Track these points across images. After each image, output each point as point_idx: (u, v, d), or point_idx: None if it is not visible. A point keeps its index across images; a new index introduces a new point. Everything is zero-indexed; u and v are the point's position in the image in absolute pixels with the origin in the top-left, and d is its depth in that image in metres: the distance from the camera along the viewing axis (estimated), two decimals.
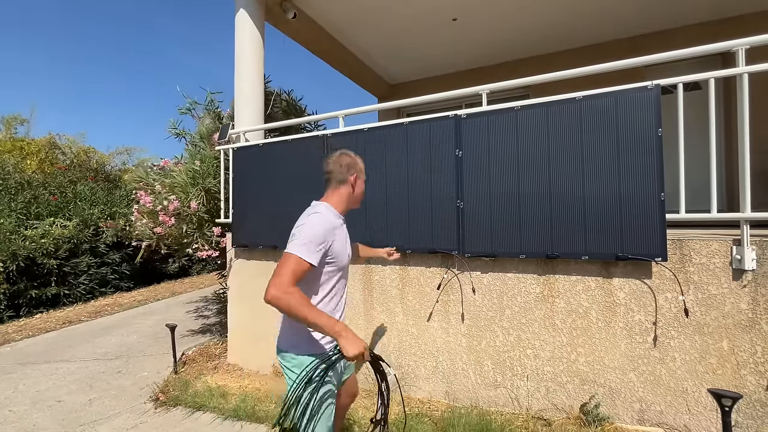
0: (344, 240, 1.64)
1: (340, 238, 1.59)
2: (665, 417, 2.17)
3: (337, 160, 1.67)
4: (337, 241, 1.55)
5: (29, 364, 3.93)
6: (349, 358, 1.31)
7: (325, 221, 1.52)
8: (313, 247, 1.43)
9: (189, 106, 4.34)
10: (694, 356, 2.12)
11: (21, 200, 7.03)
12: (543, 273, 2.46)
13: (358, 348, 1.31)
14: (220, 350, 3.99)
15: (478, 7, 4.54)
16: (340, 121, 3.25)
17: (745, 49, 2.08)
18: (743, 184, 2.04)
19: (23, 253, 6.13)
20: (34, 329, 5.26)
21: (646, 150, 2.17)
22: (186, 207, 3.37)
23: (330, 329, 1.31)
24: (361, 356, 1.32)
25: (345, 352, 1.30)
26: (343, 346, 1.31)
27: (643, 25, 4.94)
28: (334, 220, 1.58)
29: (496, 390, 2.56)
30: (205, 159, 3.67)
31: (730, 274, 2.05)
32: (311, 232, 1.45)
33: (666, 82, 2.19)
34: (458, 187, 2.63)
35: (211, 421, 2.71)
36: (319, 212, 1.55)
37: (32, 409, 2.98)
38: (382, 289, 2.97)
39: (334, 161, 1.67)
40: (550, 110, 2.40)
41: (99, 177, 9.30)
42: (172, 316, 5.66)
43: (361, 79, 6.61)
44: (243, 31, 4.01)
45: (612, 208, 2.23)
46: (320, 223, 1.49)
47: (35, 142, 13.11)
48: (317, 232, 1.45)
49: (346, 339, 1.31)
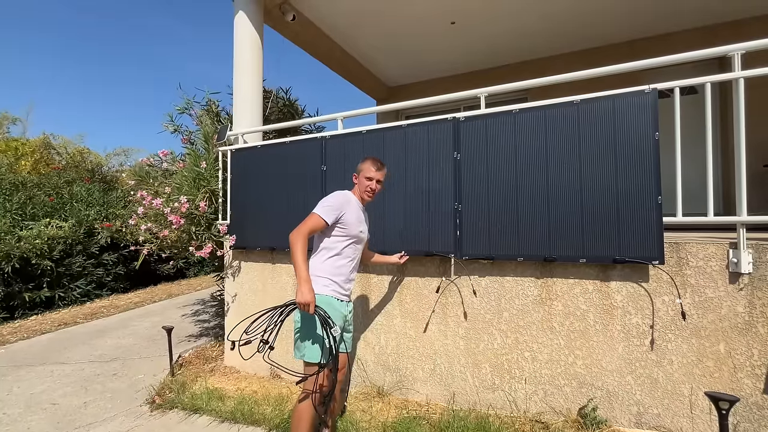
0: (358, 216, 2.16)
1: (354, 213, 2.13)
2: (663, 420, 2.17)
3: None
4: (350, 213, 2.10)
5: (24, 367, 3.89)
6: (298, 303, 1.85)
7: (342, 196, 2.14)
8: (330, 210, 2.03)
9: (185, 105, 4.31)
10: (691, 359, 2.13)
11: (16, 201, 6.97)
12: (541, 276, 2.46)
13: (304, 298, 1.83)
14: (217, 352, 3.97)
15: (476, 10, 4.56)
16: (339, 123, 3.25)
17: (740, 54, 2.10)
18: (739, 187, 2.06)
19: (18, 253, 6.08)
20: (29, 331, 5.21)
21: (643, 153, 2.18)
22: (194, 208, 3.36)
23: (298, 275, 1.88)
24: (306, 306, 1.84)
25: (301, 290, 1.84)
26: (298, 291, 1.85)
27: (641, 29, 4.98)
28: (352, 198, 2.19)
29: (494, 393, 2.56)
30: (209, 160, 3.66)
31: (726, 278, 2.07)
32: (330, 199, 2.09)
33: (663, 86, 2.21)
34: (456, 190, 2.64)
35: (207, 424, 2.69)
36: (341, 191, 2.19)
37: (26, 412, 2.95)
38: (380, 292, 2.97)
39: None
40: (548, 113, 2.41)
41: (95, 178, 9.24)
42: (169, 318, 5.62)
43: (359, 81, 6.62)
44: (242, 33, 4.01)
45: (609, 211, 2.24)
46: (337, 196, 2.12)
47: (30, 142, 13.03)
48: (334, 200, 2.08)
49: (300, 289, 1.85)
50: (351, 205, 2.13)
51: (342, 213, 2.05)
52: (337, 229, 2.08)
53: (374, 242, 2.85)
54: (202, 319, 5.55)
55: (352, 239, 2.12)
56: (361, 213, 2.22)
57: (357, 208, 2.18)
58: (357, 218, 2.14)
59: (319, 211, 2.02)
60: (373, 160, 2.24)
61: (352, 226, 2.10)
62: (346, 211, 2.07)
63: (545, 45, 5.41)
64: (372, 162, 2.23)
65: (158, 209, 3.29)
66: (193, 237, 3.35)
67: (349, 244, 2.11)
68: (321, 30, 5.03)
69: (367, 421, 2.55)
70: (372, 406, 2.73)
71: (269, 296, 3.35)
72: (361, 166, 2.25)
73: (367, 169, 2.21)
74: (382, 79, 6.82)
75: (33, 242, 6.32)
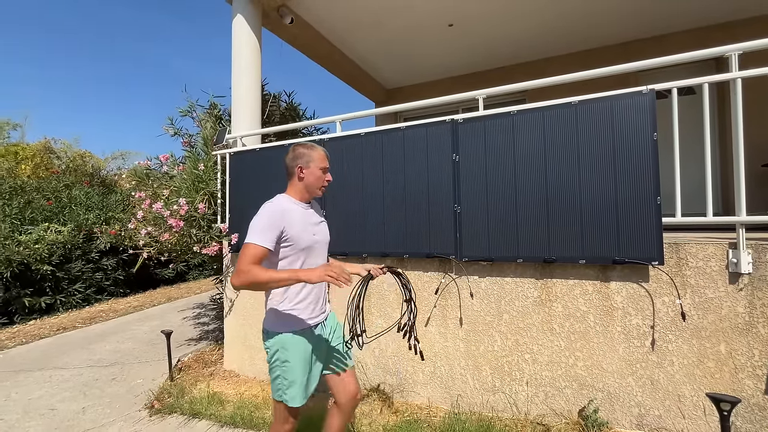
0: (303, 224, 1.73)
1: (297, 222, 1.69)
2: (664, 422, 2.16)
3: (288, 155, 1.81)
4: (293, 225, 1.67)
5: (22, 372, 3.87)
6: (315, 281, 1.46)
7: (273, 208, 1.67)
8: (264, 232, 1.59)
9: (189, 108, 4.33)
10: (692, 360, 2.12)
11: (15, 205, 6.96)
12: (540, 277, 2.46)
13: (318, 274, 1.44)
14: (216, 356, 3.95)
15: (473, 12, 4.57)
16: (338, 126, 3.25)
17: (738, 55, 2.10)
18: (738, 187, 2.06)
19: (17, 258, 6.06)
20: (28, 336, 5.19)
21: (641, 154, 2.18)
22: (193, 210, 3.35)
23: (293, 276, 1.49)
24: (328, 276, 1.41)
25: (310, 280, 1.46)
26: (308, 278, 1.46)
27: (638, 30, 5.00)
28: (288, 206, 1.72)
29: (495, 395, 2.55)
30: (207, 163, 3.66)
31: (726, 278, 2.06)
32: (259, 220, 1.63)
33: (661, 87, 2.21)
34: (455, 192, 2.64)
35: (207, 429, 2.67)
36: (270, 202, 1.72)
37: (25, 417, 2.94)
38: (380, 294, 2.96)
39: (286, 156, 1.82)
40: (546, 115, 2.42)
41: (94, 181, 9.24)
42: (168, 321, 5.60)
43: (358, 83, 6.63)
44: (240, 36, 4.02)
45: (608, 212, 2.24)
46: (266, 212, 1.66)
47: (30, 147, 13.02)
48: (263, 219, 1.63)
49: (307, 273, 1.47)
50: (291, 214, 1.69)
51: (281, 228, 1.63)
52: (283, 250, 1.67)
53: (375, 245, 2.85)
54: (201, 322, 5.53)
55: (303, 253, 1.71)
56: (307, 214, 1.78)
57: (299, 212, 1.74)
58: (302, 226, 1.72)
59: (251, 239, 1.58)
60: (323, 148, 1.82)
61: (299, 238, 1.68)
62: (286, 223, 1.64)
63: (542, 47, 5.43)
64: (324, 151, 1.82)
65: (157, 213, 3.29)
66: (194, 239, 3.34)
67: (304, 262, 1.72)
68: (319, 33, 5.04)
69: (368, 424, 2.54)
70: (372, 409, 2.72)
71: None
72: (309, 155, 1.77)
73: (320, 158, 1.78)
74: (381, 81, 6.84)
75: (33, 247, 6.30)
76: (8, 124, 14.84)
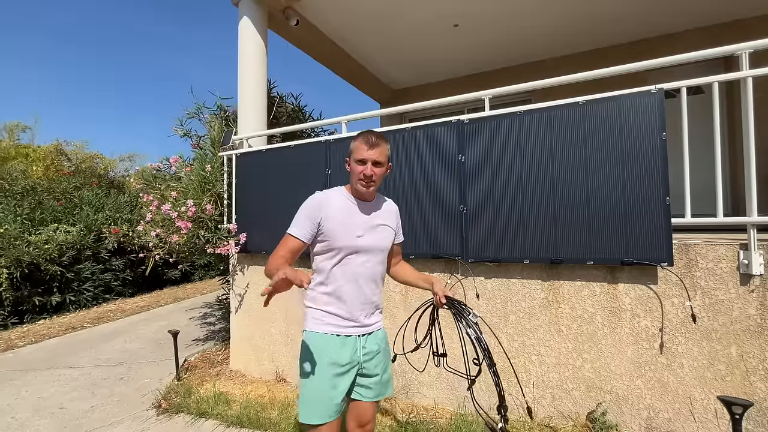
0: (345, 220, 1.55)
1: (336, 217, 1.54)
2: (673, 425, 2.13)
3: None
4: (330, 218, 1.53)
5: (32, 371, 3.92)
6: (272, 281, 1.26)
7: (312, 198, 1.59)
8: (297, 223, 1.55)
9: (196, 110, 4.37)
10: (702, 363, 2.09)
11: (26, 206, 7.07)
12: (547, 278, 2.44)
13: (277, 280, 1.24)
14: (222, 356, 3.98)
15: (479, 13, 4.56)
16: (343, 127, 3.26)
17: (748, 53, 2.07)
18: (749, 187, 2.02)
19: (27, 259, 6.15)
20: (37, 335, 5.26)
21: (650, 154, 2.16)
22: (201, 212, 3.39)
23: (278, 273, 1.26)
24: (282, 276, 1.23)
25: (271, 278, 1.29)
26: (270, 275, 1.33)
27: (646, 28, 4.95)
28: (333, 197, 1.59)
29: None
30: (214, 164, 3.69)
31: (737, 279, 2.03)
32: (298, 212, 1.58)
33: (669, 86, 2.19)
34: (461, 192, 2.63)
35: (213, 428, 2.69)
36: (317, 192, 1.63)
37: (35, 416, 2.97)
38: (386, 295, 2.95)
39: None
40: (553, 115, 2.40)
41: (103, 182, 9.35)
42: (175, 321, 5.65)
43: (363, 84, 6.64)
44: (246, 38, 4.04)
45: (617, 213, 2.21)
46: (306, 202, 1.59)
47: (42, 148, 13.22)
48: (301, 210, 1.58)
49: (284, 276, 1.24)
50: (330, 207, 1.54)
51: (317, 220, 1.51)
52: (320, 245, 1.55)
53: None
54: (208, 322, 5.57)
55: (337, 253, 1.53)
56: (357, 212, 1.59)
57: (345, 207, 1.57)
58: (343, 222, 1.54)
59: (289, 228, 1.53)
60: (366, 135, 1.55)
61: (336, 235, 1.52)
62: (323, 215, 1.51)
63: (548, 46, 5.40)
64: (364, 139, 1.54)
65: (166, 215, 3.32)
66: (203, 240, 3.37)
67: (336, 264, 1.54)
68: (324, 34, 5.05)
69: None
70: (378, 410, 2.72)
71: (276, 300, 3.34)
72: (352, 146, 1.59)
73: (358, 149, 1.54)
74: (386, 82, 6.84)
75: (43, 247, 6.39)
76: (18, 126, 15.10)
